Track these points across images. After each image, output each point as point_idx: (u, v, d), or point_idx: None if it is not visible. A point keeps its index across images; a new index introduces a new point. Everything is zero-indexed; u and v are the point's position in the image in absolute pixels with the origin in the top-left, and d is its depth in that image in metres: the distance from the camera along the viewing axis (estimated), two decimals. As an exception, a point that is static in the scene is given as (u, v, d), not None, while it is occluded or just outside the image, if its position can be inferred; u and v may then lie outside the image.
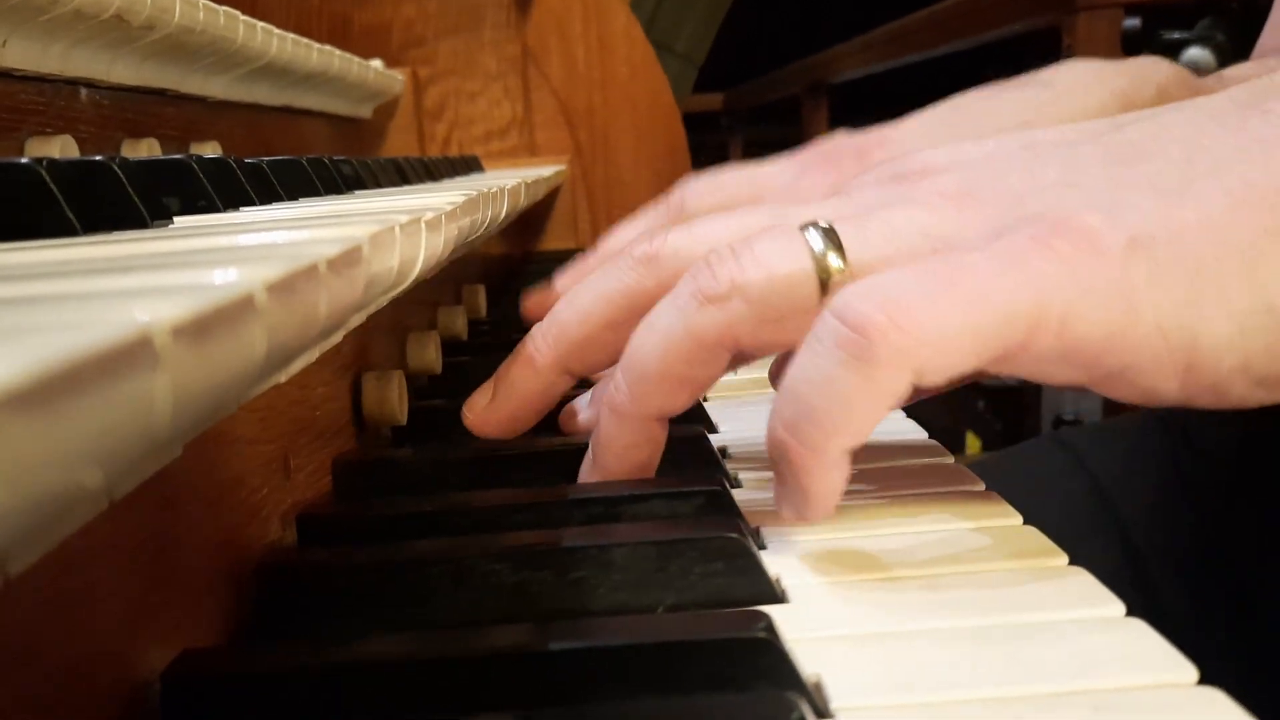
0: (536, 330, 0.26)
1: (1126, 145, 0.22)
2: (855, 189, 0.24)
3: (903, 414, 0.32)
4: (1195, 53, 1.07)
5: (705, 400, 0.35)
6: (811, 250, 0.21)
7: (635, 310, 0.24)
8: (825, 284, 0.21)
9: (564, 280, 0.33)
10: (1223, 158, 0.20)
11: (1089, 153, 0.22)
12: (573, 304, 0.25)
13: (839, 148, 0.35)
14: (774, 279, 0.21)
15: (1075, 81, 0.35)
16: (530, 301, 0.33)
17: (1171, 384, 0.20)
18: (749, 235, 0.22)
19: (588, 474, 0.25)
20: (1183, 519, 0.37)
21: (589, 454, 0.25)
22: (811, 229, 0.22)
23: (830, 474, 0.20)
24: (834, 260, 0.21)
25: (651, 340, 0.22)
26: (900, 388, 0.19)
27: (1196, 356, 0.20)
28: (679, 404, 0.24)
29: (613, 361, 0.24)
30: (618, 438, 0.24)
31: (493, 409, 0.27)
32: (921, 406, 0.29)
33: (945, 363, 0.19)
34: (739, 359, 0.24)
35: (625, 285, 0.24)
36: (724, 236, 0.23)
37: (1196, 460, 0.37)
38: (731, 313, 0.21)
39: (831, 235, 0.21)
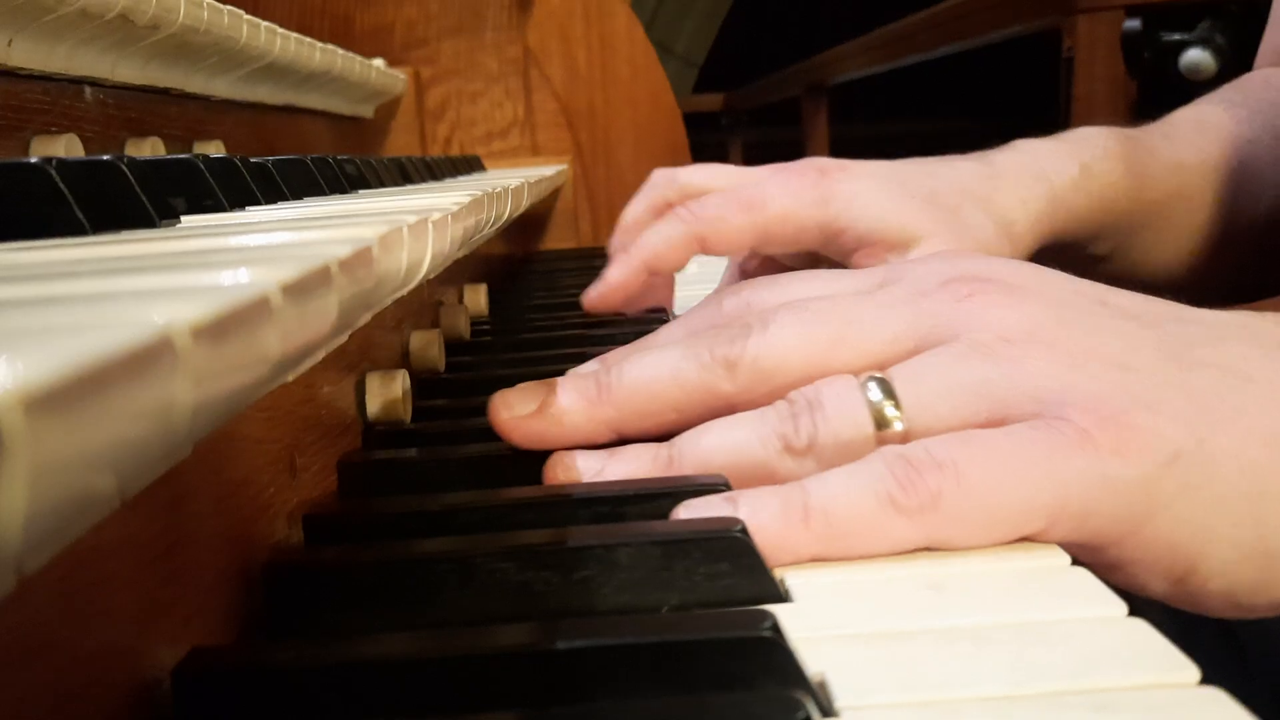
0: (600, 377, 0.26)
1: (1184, 346, 0.22)
2: (924, 288, 0.24)
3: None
4: (1195, 54, 1.07)
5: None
6: (869, 406, 0.23)
7: (707, 407, 0.25)
8: (882, 425, 0.23)
9: (617, 274, 0.35)
10: (1264, 396, 0.21)
11: (1149, 339, 0.22)
12: (644, 375, 0.25)
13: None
14: (839, 440, 0.23)
15: (1010, 164, 0.39)
16: (591, 298, 0.35)
17: (1160, 586, 0.22)
18: (818, 389, 0.23)
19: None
20: None
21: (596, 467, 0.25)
22: (871, 384, 0.23)
23: (793, 554, 0.21)
24: (890, 412, 0.23)
25: (724, 450, 0.24)
26: (905, 546, 0.21)
27: (1192, 573, 0.21)
28: (642, 436, 0.26)
29: (664, 436, 0.25)
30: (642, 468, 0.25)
31: (532, 425, 0.26)
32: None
33: (962, 542, 0.21)
34: None
35: (703, 382, 0.25)
36: (797, 350, 0.24)
37: None
38: (803, 466, 0.23)
39: (888, 390, 0.23)
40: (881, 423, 0.23)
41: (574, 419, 0.26)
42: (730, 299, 0.28)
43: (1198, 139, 0.43)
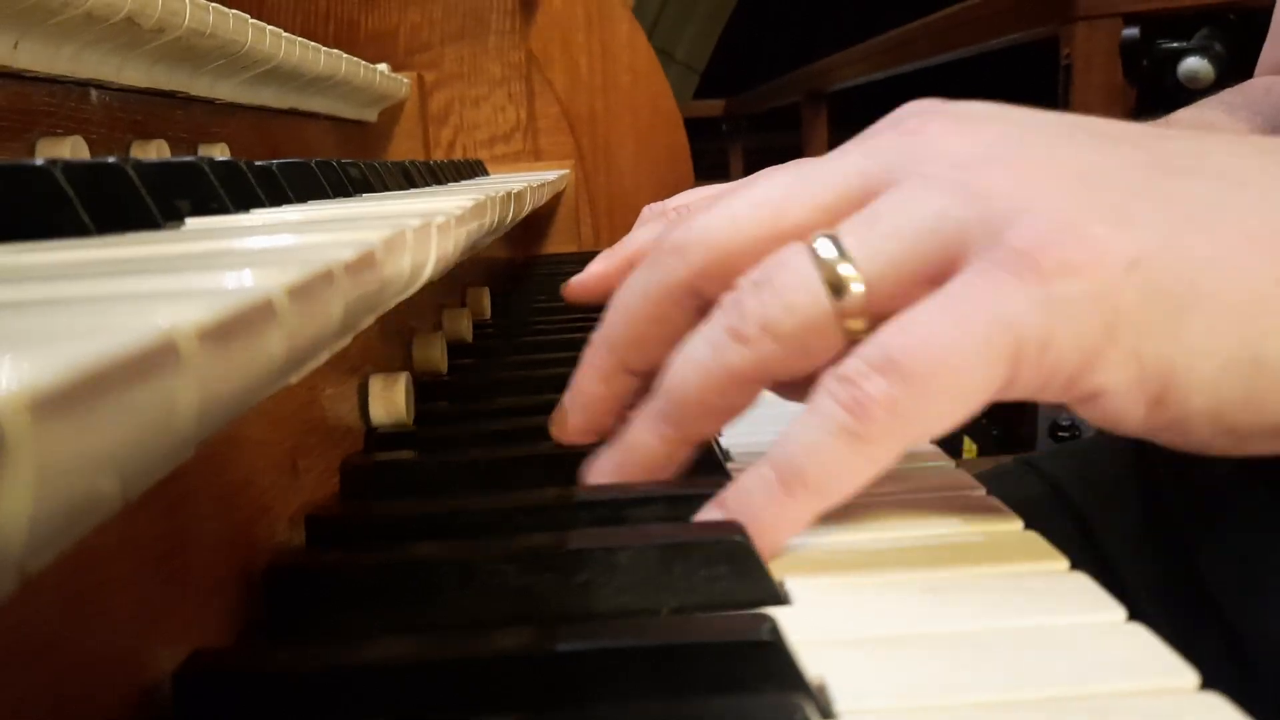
0: (593, 338, 0.26)
1: (1169, 156, 0.21)
2: (877, 132, 0.23)
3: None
4: (1193, 63, 1.08)
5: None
6: (820, 269, 0.21)
7: (676, 302, 0.24)
8: (840, 295, 0.21)
9: (598, 265, 0.33)
10: (1256, 199, 0.20)
11: (1126, 152, 0.21)
12: (617, 305, 0.25)
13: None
14: (794, 312, 0.21)
15: None
16: (571, 286, 0.33)
17: (1138, 411, 0.20)
18: (764, 264, 0.22)
19: (603, 475, 0.25)
20: (1160, 541, 0.37)
21: (609, 455, 0.25)
22: (821, 242, 0.22)
23: (794, 526, 0.21)
24: (845, 270, 0.21)
25: (689, 372, 0.23)
26: (889, 460, 0.20)
27: (1168, 389, 0.19)
28: (714, 429, 0.24)
29: (668, 350, 0.24)
30: (646, 452, 0.24)
31: (571, 420, 0.27)
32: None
33: (937, 428, 0.20)
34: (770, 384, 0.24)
35: (660, 279, 0.24)
36: (742, 215, 0.23)
37: (1174, 484, 0.38)
38: (762, 351, 0.22)
39: (839, 245, 0.21)
40: (837, 284, 0.21)
41: (591, 388, 0.25)
42: (691, 198, 0.26)
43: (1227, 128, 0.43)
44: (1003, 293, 0.19)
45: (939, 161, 0.21)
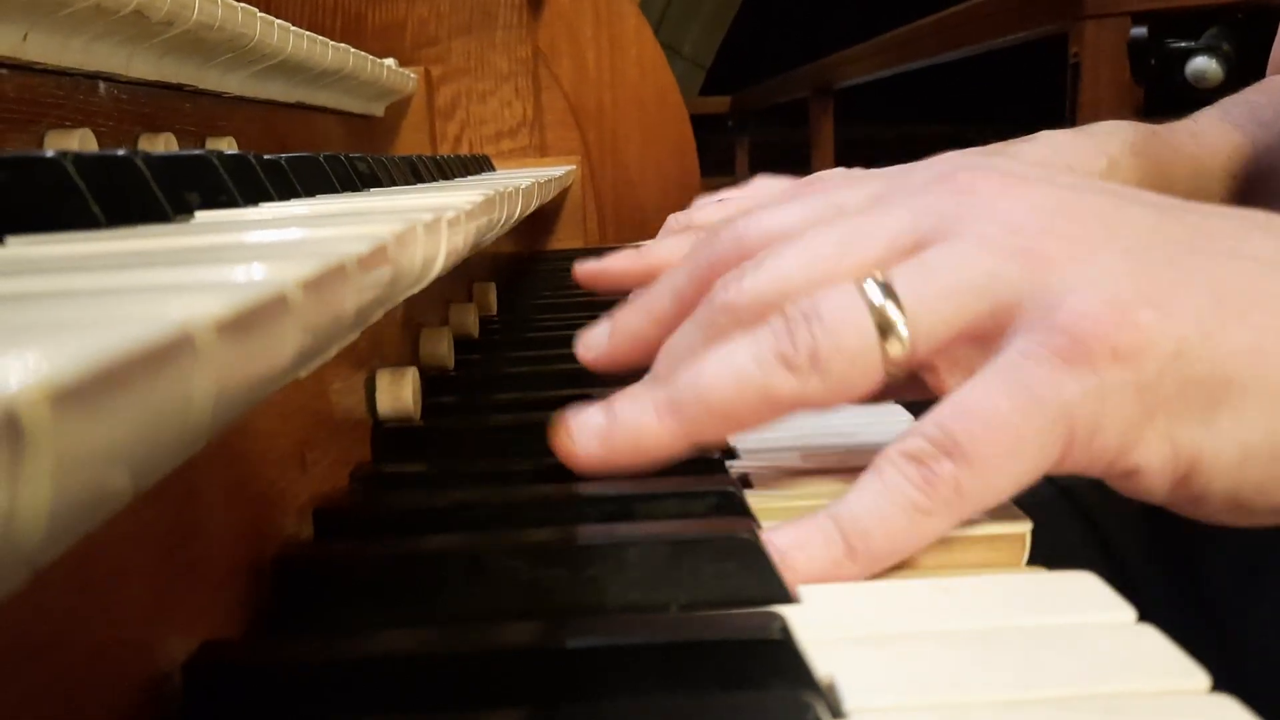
0: (652, 392, 0.24)
1: (1209, 237, 0.21)
2: (926, 185, 0.23)
3: (912, 419, 0.32)
4: (1201, 62, 1.07)
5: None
6: (871, 312, 0.22)
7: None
8: (887, 339, 0.22)
9: (620, 262, 0.32)
10: None
11: (1170, 228, 0.21)
12: (697, 374, 0.24)
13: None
14: (843, 351, 0.22)
15: (1035, 158, 0.37)
16: (586, 270, 0.33)
17: (1163, 487, 0.21)
18: (816, 298, 0.22)
19: (588, 441, 0.24)
20: (1167, 540, 0.37)
21: (597, 420, 0.24)
22: (871, 286, 0.22)
23: (851, 575, 0.21)
24: (892, 313, 0.22)
25: (726, 378, 0.23)
26: (946, 532, 0.21)
27: (1194, 472, 0.20)
28: (723, 438, 0.24)
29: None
30: (649, 438, 0.23)
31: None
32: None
33: (994, 502, 0.21)
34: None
35: (709, 337, 0.24)
36: (795, 273, 0.23)
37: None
38: (807, 384, 0.22)
39: (889, 292, 0.22)
40: (885, 326, 0.21)
41: (646, 437, 0.24)
42: (724, 234, 0.26)
43: (1224, 139, 0.42)
44: (1058, 379, 0.20)
45: (993, 224, 0.22)
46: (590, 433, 0.24)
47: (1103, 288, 0.20)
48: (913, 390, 0.24)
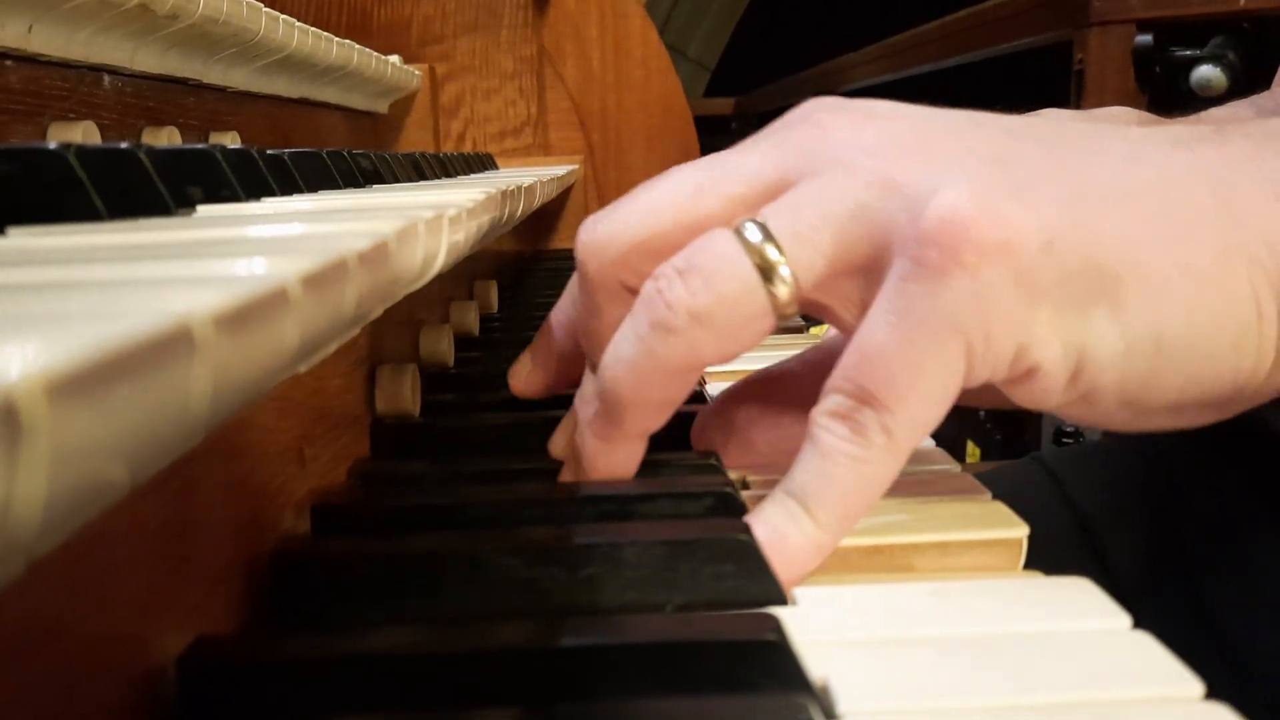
0: (585, 410, 0.25)
1: (1069, 140, 0.22)
2: (790, 125, 0.23)
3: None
4: (1206, 71, 1.07)
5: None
6: (749, 254, 0.21)
7: (609, 296, 0.24)
8: (769, 281, 0.21)
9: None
10: (1150, 180, 0.21)
11: (1028, 137, 0.22)
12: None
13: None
14: (724, 299, 0.21)
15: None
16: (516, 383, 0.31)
17: (1058, 387, 0.21)
18: (688, 250, 0.22)
19: (567, 475, 0.26)
20: (1163, 548, 0.37)
21: (569, 470, 0.26)
22: (748, 226, 0.22)
23: (820, 555, 0.21)
24: (772, 254, 0.21)
25: (620, 371, 0.23)
26: (894, 475, 0.21)
27: (1083, 365, 0.20)
28: (658, 422, 0.24)
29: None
30: (600, 456, 0.25)
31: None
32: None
33: (927, 432, 0.21)
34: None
35: (586, 279, 0.24)
36: (664, 210, 0.23)
37: (1176, 489, 0.38)
38: (693, 340, 0.22)
39: (765, 232, 0.21)
40: (765, 268, 0.21)
41: (602, 456, 0.25)
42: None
43: None
44: (935, 292, 0.20)
45: (852, 151, 0.22)
46: (570, 474, 0.26)
47: (960, 189, 0.20)
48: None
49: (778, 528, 0.21)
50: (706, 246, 0.22)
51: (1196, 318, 0.20)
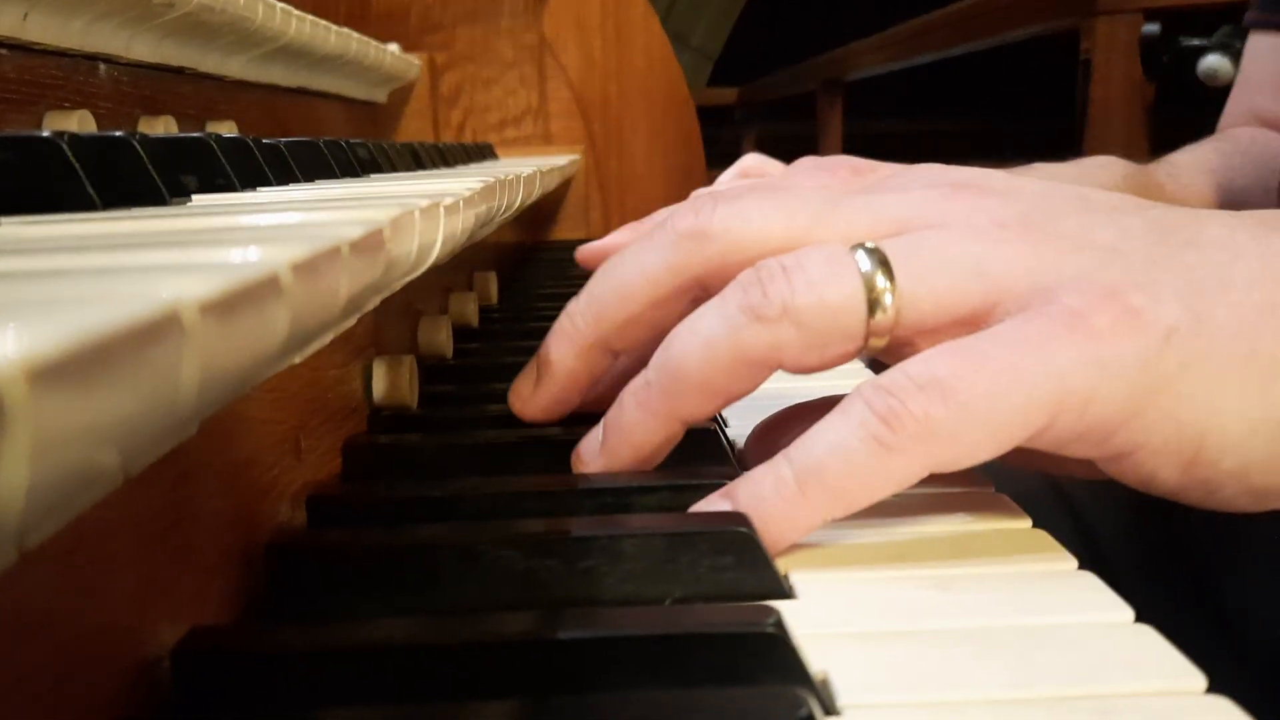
0: (575, 308, 0.25)
1: (1171, 229, 0.22)
2: (910, 186, 0.24)
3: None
4: (1213, 60, 1.06)
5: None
6: (860, 273, 0.21)
7: (680, 290, 0.23)
8: (873, 306, 0.21)
9: (622, 236, 0.31)
10: (1255, 271, 0.21)
11: (1136, 224, 0.22)
12: (611, 279, 0.24)
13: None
14: (825, 305, 0.21)
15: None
16: (589, 250, 0.30)
17: (1172, 472, 0.21)
18: (800, 252, 0.22)
19: (593, 458, 0.24)
20: (1156, 538, 0.37)
21: (598, 437, 0.25)
22: (861, 252, 0.21)
23: (803, 527, 0.21)
24: (881, 282, 0.21)
25: (694, 345, 0.22)
26: (910, 480, 0.20)
27: (1202, 451, 0.20)
28: (708, 412, 0.24)
29: (657, 338, 0.23)
30: (638, 431, 0.24)
31: (538, 395, 0.26)
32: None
33: (965, 459, 0.20)
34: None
35: (670, 262, 0.23)
36: (774, 221, 0.23)
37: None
38: (780, 335, 0.21)
39: (880, 258, 0.21)
40: (872, 291, 0.21)
41: (566, 362, 0.24)
42: (694, 196, 0.26)
43: (1197, 181, 0.45)
44: (1057, 344, 0.20)
45: (980, 216, 0.22)
46: (592, 453, 0.25)
47: (1093, 276, 0.20)
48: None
49: (757, 486, 0.20)
50: (819, 252, 0.22)
51: None
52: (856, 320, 0.21)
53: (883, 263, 0.21)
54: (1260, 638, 0.32)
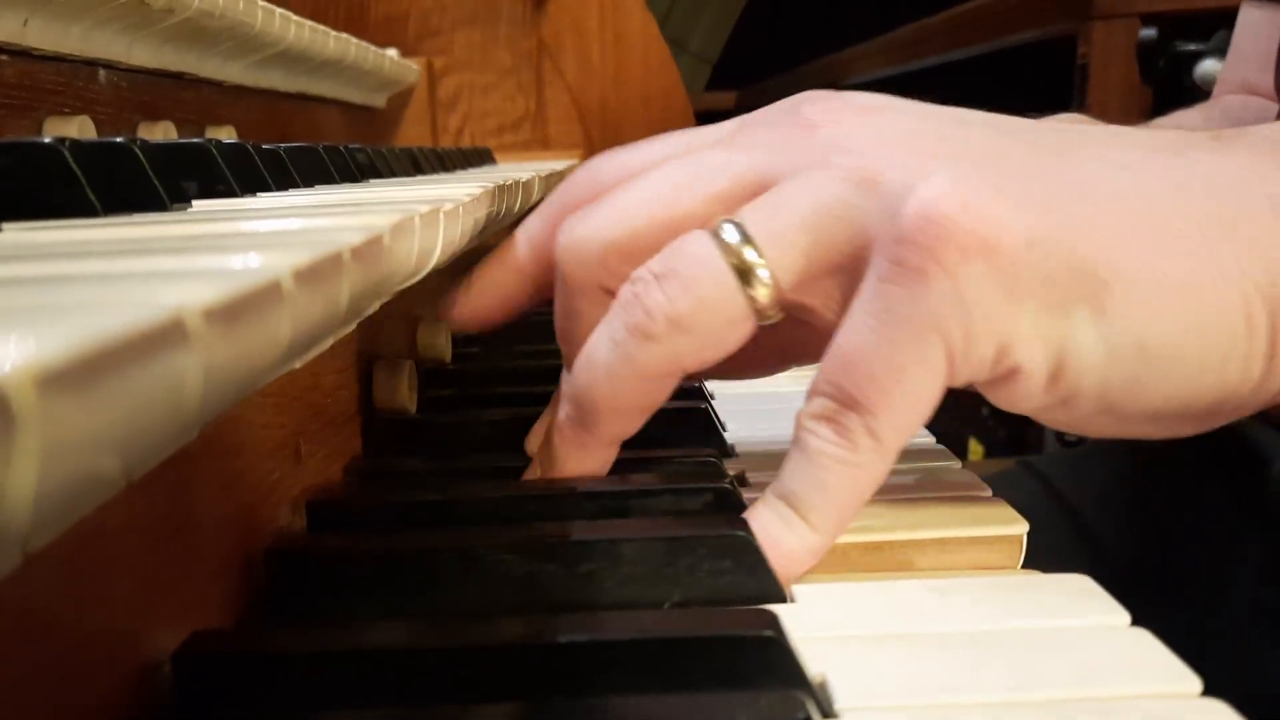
0: (560, 413, 0.24)
1: (1050, 141, 0.21)
2: (777, 123, 0.23)
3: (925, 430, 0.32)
4: (1210, 64, 1.07)
5: (713, 398, 0.35)
6: (727, 256, 0.21)
7: (588, 300, 0.24)
8: (750, 283, 0.21)
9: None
10: (1132, 184, 0.20)
11: (1014, 138, 0.22)
12: (573, 383, 0.24)
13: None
14: (704, 303, 0.21)
15: None
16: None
17: (1038, 389, 0.20)
18: (666, 252, 0.22)
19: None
20: (1154, 543, 0.37)
21: (535, 464, 0.26)
22: (727, 228, 0.21)
23: (814, 557, 0.21)
24: (750, 256, 0.21)
25: (598, 377, 0.22)
26: (882, 477, 0.21)
27: (1064, 368, 0.20)
28: (635, 427, 0.24)
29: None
30: (571, 462, 0.24)
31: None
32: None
33: (911, 433, 0.21)
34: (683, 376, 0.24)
35: (564, 280, 0.24)
36: (637, 208, 0.23)
37: (1168, 487, 0.38)
38: (674, 346, 0.22)
39: (744, 234, 0.21)
40: (743, 270, 0.21)
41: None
42: (579, 173, 0.26)
43: None
44: (914, 293, 0.20)
45: (835, 149, 0.21)
46: (537, 474, 0.25)
47: (940, 186, 0.20)
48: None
49: (771, 531, 0.21)
50: (683, 249, 0.21)
51: (1182, 326, 0.20)
52: (738, 305, 0.21)
53: (746, 237, 0.21)
54: (1256, 641, 0.32)
